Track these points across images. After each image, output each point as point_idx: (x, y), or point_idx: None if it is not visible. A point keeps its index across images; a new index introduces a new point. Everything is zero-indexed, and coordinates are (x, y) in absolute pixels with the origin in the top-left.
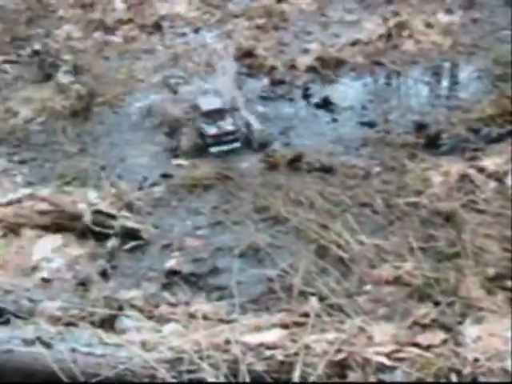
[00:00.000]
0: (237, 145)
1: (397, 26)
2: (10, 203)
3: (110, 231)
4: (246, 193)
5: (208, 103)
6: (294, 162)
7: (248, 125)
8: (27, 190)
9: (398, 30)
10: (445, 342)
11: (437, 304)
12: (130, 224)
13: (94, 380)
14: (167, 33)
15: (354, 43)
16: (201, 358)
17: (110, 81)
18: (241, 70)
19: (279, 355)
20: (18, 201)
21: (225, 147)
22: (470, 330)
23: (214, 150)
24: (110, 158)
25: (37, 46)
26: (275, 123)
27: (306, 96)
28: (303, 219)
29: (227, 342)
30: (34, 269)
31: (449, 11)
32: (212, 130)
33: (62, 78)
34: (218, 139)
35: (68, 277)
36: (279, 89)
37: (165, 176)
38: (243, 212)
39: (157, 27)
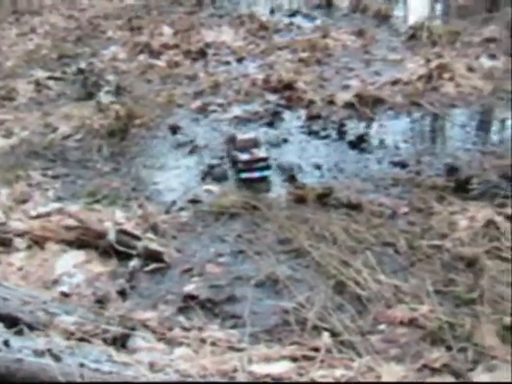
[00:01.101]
0: (267, 172)
1: (438, 68)
2: (38, 216)
3: (133, 252)
4: (271, 224)
5: (243, 132)
6: (323, 197)
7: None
8: (57, 205)
9: (440, 72)
10: None
11: (449, 349)
12: (154, 246)
13: None
14: (211, 60)
15: (395, 82)
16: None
17: (149, 103)
18: (279, 101)
19: None
20: (47, 214)
21: (256, 174)
22: (480, 378)
23: (244, 175)
24: (142, 180)
25: (82, 65)
26: (308, 156)
27: (341, 132)
28: (325, 254)
29: (234, 369)
30: (55, 282)
31: (492, 56)
32: (244, 156)
33: (103, 97)
34: (250, 165)
35: (87, 293)
36: (315, 123)
37: (193, 201)
38: (266, 243)
39: (201, 54)
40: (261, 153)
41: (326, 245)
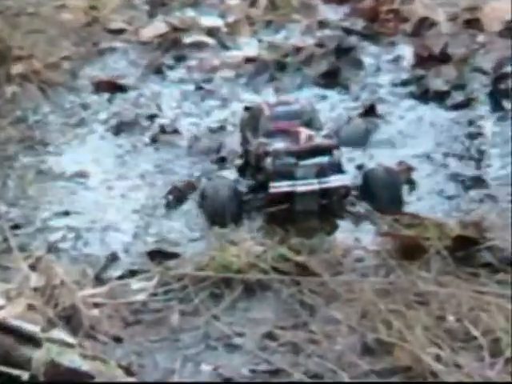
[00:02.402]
0: (338, 181)
1: None
2: None
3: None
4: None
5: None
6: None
7: None
8: None
9: None
10: None
11: None
12: (64, 361)
13: None
14: None
15: None
16: None
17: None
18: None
19: None
20: None
21: (306, 185)
22: None
23: (277, 186)
24: (36, 203)
25: None
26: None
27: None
28: None
29: None
30: None
31: None
32: (280, 144)
33: None
34: (292, 166)
35: None
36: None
37: (157, 255)
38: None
39: None
40: (319, 137)
41: None
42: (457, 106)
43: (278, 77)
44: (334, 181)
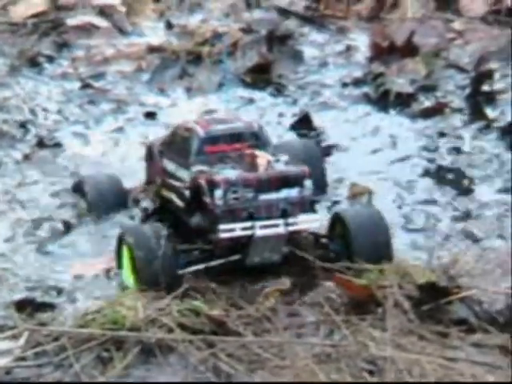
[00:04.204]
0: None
1: None
2: None
3: None
4: None
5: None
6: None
7: None
8: None
9: None
10: None
11: None
12: None
13: None
14: None
15: None
16: None
17: None
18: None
19: None
20: None
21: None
22: None
23: (225, 230)
24: None
25: None
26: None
27: None
28: None
29: None
30: None
31: None
32: (221, 175)
33: None
34: (243, 203)
35: None
36: None
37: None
38: None
39: None
40: (281, 163)
41: None
42: (425, 114)
43: (191, 72)
44: (305, 221)
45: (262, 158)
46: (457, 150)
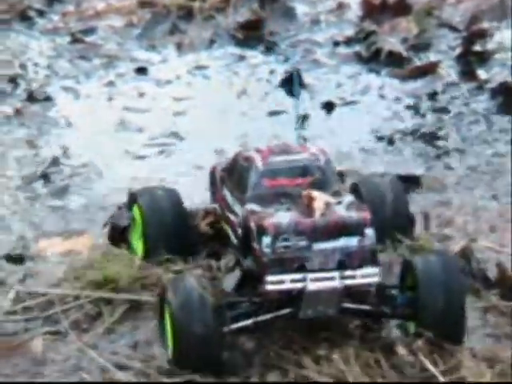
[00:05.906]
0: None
1: None
2: None
3: None
4: None
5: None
6: None
7: None
8: None
9: None
10: None
11: None
12: None
13: None
14: None
15: None
16: None
17: None
18: None
19: None
20: None
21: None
22: None
23: (274, 281)
24: None
25: None
26: None
27: None
28: None
29: None
30: None
31: None
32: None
33: None
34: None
35: None
36: None
37: None
38: None
39: None
40: (341, 207)
41: None
42: (416, 73)
43: (183, 28)
44: (365, 275)
45: (320, 200)
46: (447, 111)
